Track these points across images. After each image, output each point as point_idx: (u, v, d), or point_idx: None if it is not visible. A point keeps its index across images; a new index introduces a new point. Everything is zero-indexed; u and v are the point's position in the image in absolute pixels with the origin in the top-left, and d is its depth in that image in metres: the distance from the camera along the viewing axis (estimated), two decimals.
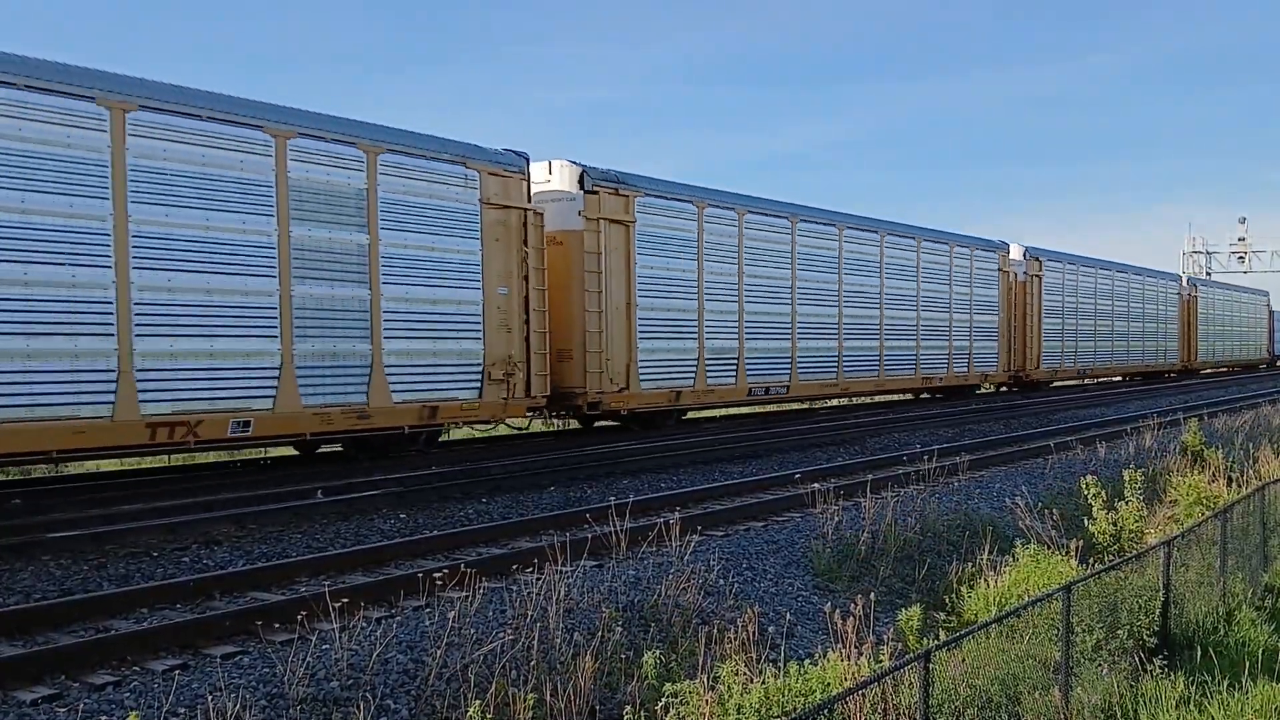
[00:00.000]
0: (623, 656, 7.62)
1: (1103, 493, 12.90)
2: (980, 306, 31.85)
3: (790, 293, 23.85)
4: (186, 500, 12.36)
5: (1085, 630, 8.09)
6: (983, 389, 34.65)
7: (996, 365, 33.01)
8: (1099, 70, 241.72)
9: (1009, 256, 33.80)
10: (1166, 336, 47.18)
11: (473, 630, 7.33)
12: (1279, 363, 65.66)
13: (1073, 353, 38.07)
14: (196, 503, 12.22)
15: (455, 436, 19.55)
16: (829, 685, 6.74)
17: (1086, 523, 12.87)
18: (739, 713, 6.47)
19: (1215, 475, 16.89)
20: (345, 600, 7.81)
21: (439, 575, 8.39)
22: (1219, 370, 56.02)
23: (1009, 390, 35.98)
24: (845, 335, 25.75)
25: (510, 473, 15.08)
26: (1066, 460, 17.65)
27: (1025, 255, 34.82)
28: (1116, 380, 43.97)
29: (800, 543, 11.21)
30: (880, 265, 27.20)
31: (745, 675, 6.91)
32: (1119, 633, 8.51)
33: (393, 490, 13.30)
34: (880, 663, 7.07)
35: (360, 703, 6.36)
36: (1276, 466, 18.37)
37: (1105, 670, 8.02)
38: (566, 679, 6.93)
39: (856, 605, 7.72)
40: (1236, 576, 11.03)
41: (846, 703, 6.04)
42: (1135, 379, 45.56)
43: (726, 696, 6.58)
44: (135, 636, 7.24)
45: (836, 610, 7.79)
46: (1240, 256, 67.82)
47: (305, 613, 7.47)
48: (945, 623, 9.22)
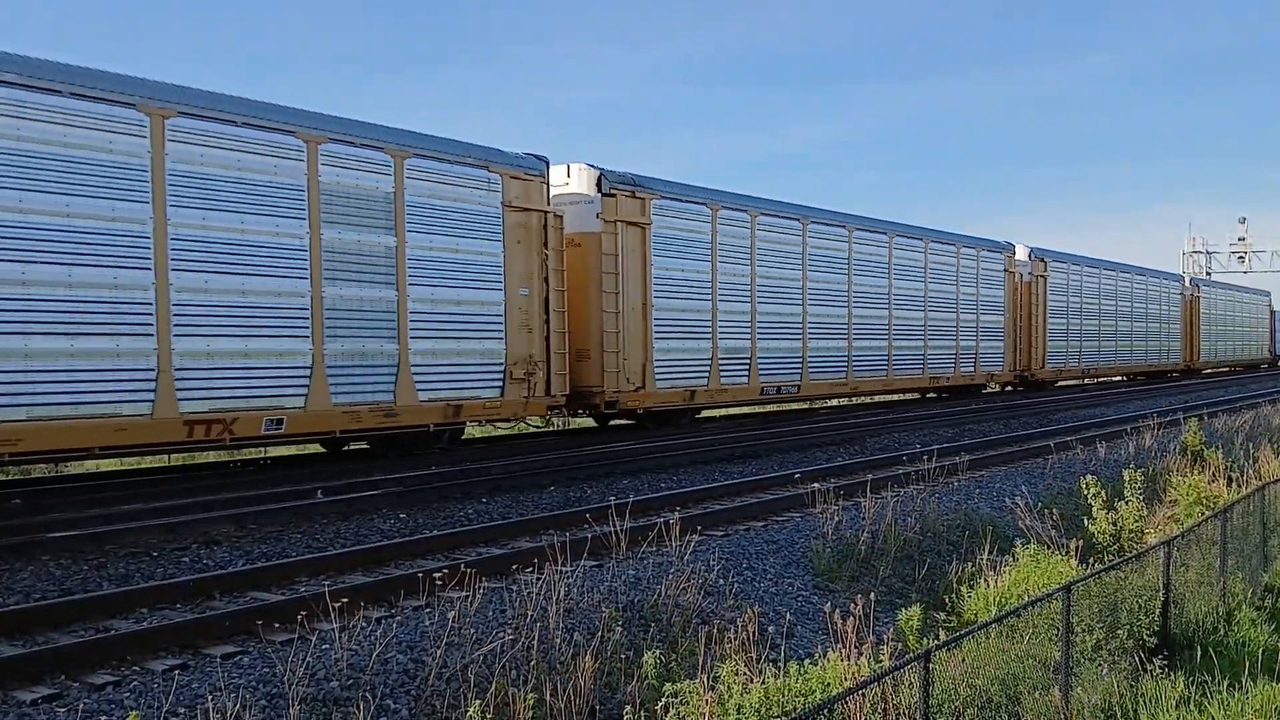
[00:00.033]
0: (623, 656, 7.62)
1: (1103, 493, 12.90)
2: (986, 307, 32.01)
3: (801, 293, 24.09)
4: (186, 500, 12.37)
5: (1085, 630, 8.09)
6: (989, 389, 34.75)
7: (1002, 365, 33.16)
8: (1099, 70, 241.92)
9: (1015, 257, 33.95)
10: (1169, 336, 47.32)
11: (473, 630, 7.33)
12: None
13: (1077, 352, 38.19)
14: (196, 503, 12.23)
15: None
16: (829, 685, 6.75)
17: (1086, 523, 12.87)
18: (739, 713, 6.47)
19: (1215, 475, 16.89)
20: (345, 600, 7.81)
21: (439, 575, 8.39)
22: (1221, 370, 56.14)
23: (1014, 390, 36.04)
24: (855, 335, 25.99)
25: (510, 473, 15.09)
26: (1066, 460, 17.65)
27: (1031, 256, 34.98)
28: (1117, 380, 44.00)
29: (800, 543, 11.21)
30: (889, 266, 27.42)
31: (745, 675, 6.91)
32: (1119, 633, 8.51)
33: (393, 490, 13.31)
34: (880, 663, 7.08)
35: (360, 703, 6.36)
36: (1276, 466, 18.37)
37: (1105, 670, 8.02)
38: (566, 679, 6.93)
39: (856, 605, 7.72)
40: (1236, 576, 11.03)
41: (846, 703, 6.04)
42: (1138, 379, 45.62)
43: (726, 696, 6.58)
44: (135, 636, 7.24)
45: (836, 610, 7.79)
46: (1240, 256, 67.84)
47: (305, 613, 7.47)
48: (945, 623, 9.23)
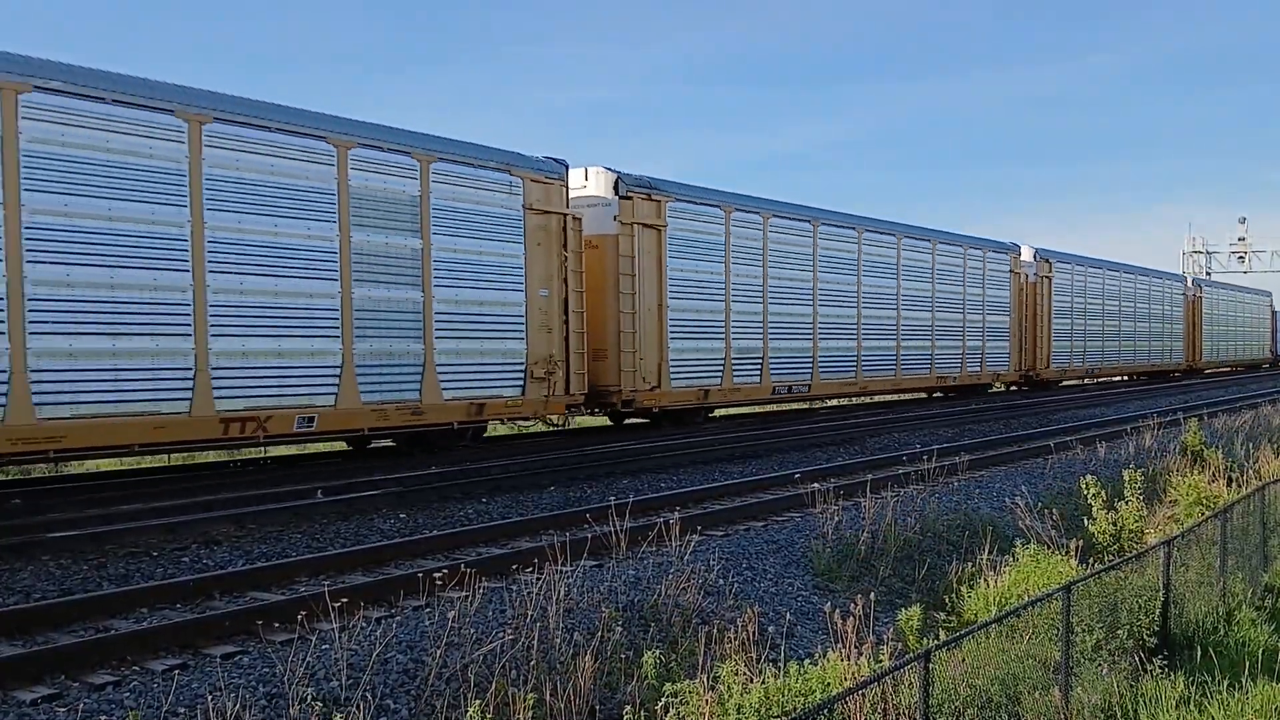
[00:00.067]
0: (623, 656, 7.62)
1: (1103, 493, 12.90)
2: (993, 307, 32.32)
3: (812, 294, 24.47)
4: (186, 500, 12.37)
5: (1085, 630, 8.09)
6: (995, 388, 35.08)
7: (1008, 365, 33.49)
8: (1099, 70, 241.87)
9: (1020, 258, 34.29)
10: (1172, 337, 47.64)
11: (473, 630, 7.33)
12: None
13: (1081, 352, 38.53)
14: (196, 503, 12.23)
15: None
16: (829, 685, 6.74)
17: (1086, 523, 12.87)
18: (739, 713, 6.47)
19: (1215, 475, 16.88)
20: (345, 600, 7.81)
21: (439, 575, 8.38)
22: (1222, 370, 56.37)
23: (1019, 390, 36.34)
24: (864, 335, 26.35)
25: (510, 473, 15.09)
26: (1066, 460, 17.65)
27: (1036, 257, 35.36)
28: (1117, 380, 44.10)
29: (800, 542, 11.21)
30: (897, 267, 27.76)
31: (745, 675, 6.91)
32: (1119, 633, 8.51)
33: (392, 490, 13.31)
34: (880, 663, 7.07)
35: (360, 703, 6.36)
36: (1276, 466, 18.37)
37: (1105, 670, 8.02)
38: (566, 679, 6.92)
39: (856, 605, 7.72)
40: (1236, 576, 11.03)
41: (846, 703, 6.04)
42: (1141, 378, 45.86)
43: (726, 696, 6.57)
44: (135, 636, 7.24)
45: (836, 610, 7.79)
46: (1240, 256, 67.82)
47: (305, 612, 7.47)
48: (945, 623, 9.22)
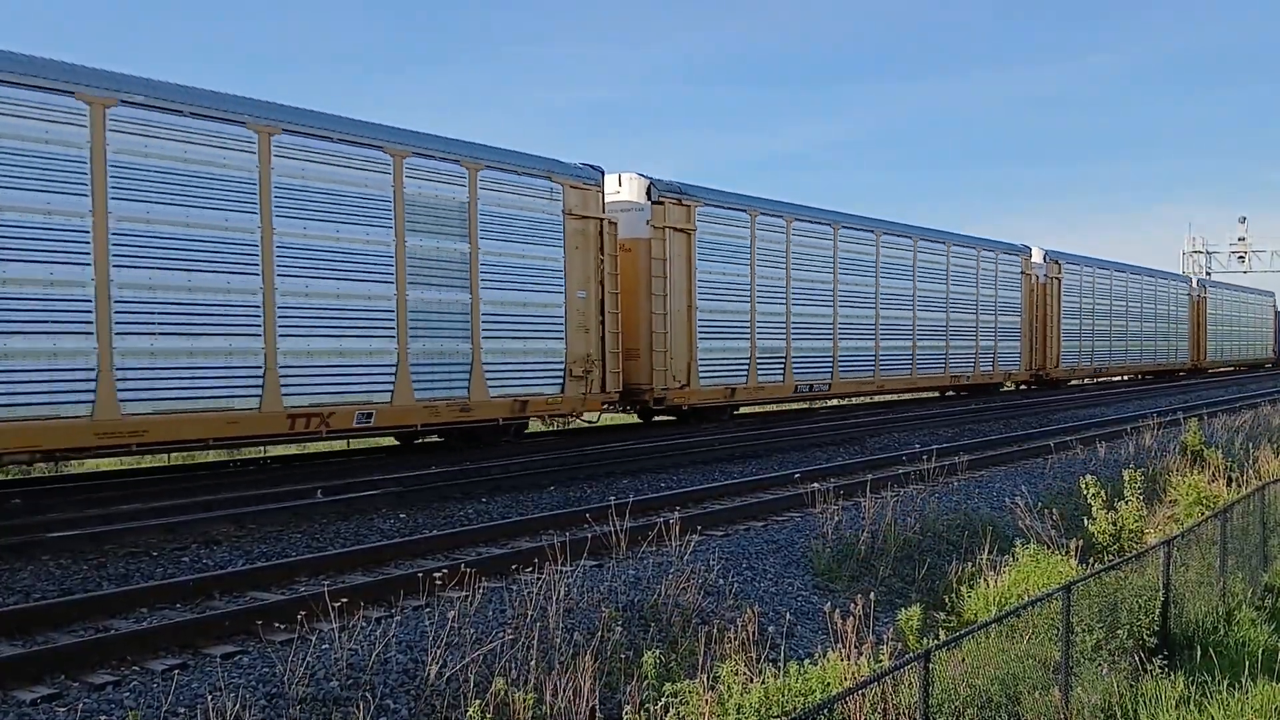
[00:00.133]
0: (623, 656, 7.62)
1: (1102, 492, 12.89)
2: (1004, 308, 32.97)
3: (832, 295, 25.16)
4: (186, 500, 12.36)
5: (1085, 630, 8.09)
6: (1006, 387, 35.70)
7: (1019, 364, 34.17)
8: (1099, 70, 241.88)
9: (1031, 259, 34.94)
10: (1177, 337, 48.23)
11: (472, 630, 7.33)
12: None
13: (1090, 352, 39.14)
14: (196, 503, 12.22)
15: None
16: (829, 685, 6.74)
17: (1086, 523, 12.87)
18: (739, 713, 6.47)
19: (1215, 475, 16.89)
20: (345, 600, 7.81)
21: (439, 575, 8.39)
22: (1226, 370, 56.79)
23: (1030, 388, 36.94)
24: (882, 336, 27.02)
25: (510, 473, 15.09)
26: (1066, 460, 17.65)
27: (1046, 258, 36.01)
28: (1117, 380, 44.28)
29: (800, 542, 11.20)
30: (913, 269, 28.43)
31: (745, 675, 6.91)
32: (1119, 633, 8.51)
33: (392, 490, 13.31)
34: (880, 663, 7.07)
35: (360, 702, 6.36)
36: (1276, 466, 18.37)
37: (1105, 670, 8.02)
38: (566, 679, 6.92)
39: (856, 605, 7.72)
40: (1236, 576, 11.03)
41: (846, 703, 6.04)
42: (1145, 378, 46.27)
43: (726, 696, 6.57)
44: (135, 636, 7.24)
45: (836, 610, 7.79)
46: (1240, 256, 67.78)
47: (305, 612, 7.47)
48: (945, 622, 9.22)
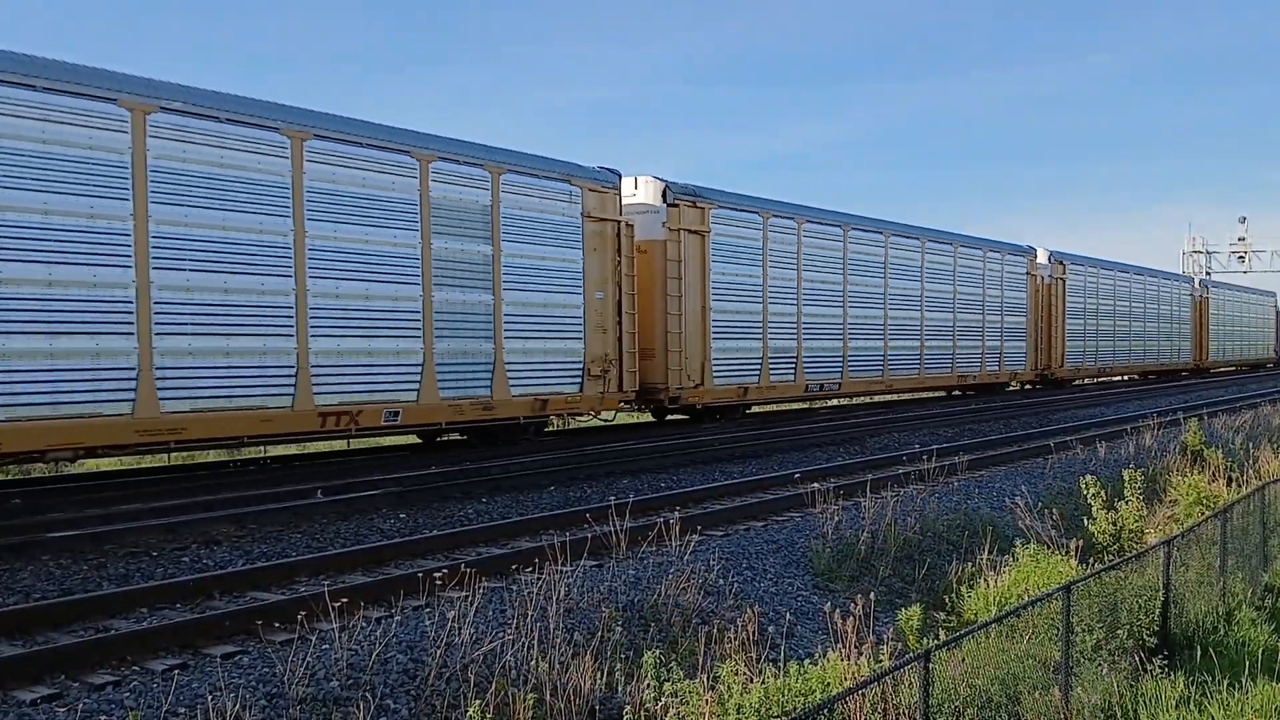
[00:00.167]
0: (623, 656, 7.61)
1: (1102, 492, 12.89)
2: (1010, 308, 33.30)
3: (842, 296, 25.54)
4: (186, 500, 12.36)
5: (1085, 630, 8.09)
6: (1012, 386, 36.05)
7: (1025, 364, 34.54)
8: (1099, 70, 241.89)
9: (1036, 260, 35.28)
10: (1180, 337, 48.57)
11: (472, 630, 7.33)
12: None
13: (1094, 352, 39.50)
14: (196, 503, 12.22)
15: (451, 437, 19.76)
16: (829, 685, 6.74)
17: (1086, 523, 12.87)
18: (739, 713, 6.46)
19: (1215, 475, 16.89)
20: (345, 600, 7.81)
21: (439, 575, 8.39)
22: (1228, 370, 57.04)
23: (1034, 388, 37.26)
24: (890, 336, 27.37)
25: (510, 473, 15.09)
26: (1066, 460, 17.65)
27: (1050, 259, 36.34)
28: (1117, 380, 44.35)
29: (800, 542, 11.20)
30: (921, 270, 28.75)
31: (745, 675, 6.91)
32: (1119, 633, 8.51)
33: (392, 490, 13.31)
34: (880, 663, 7.07)
35: (360, 702, 6.36)
36: (1276, 466, 18.37)
37: (1105, 670, 8.02)
38: (566, 679, 6.92)
39: (856, 605, 7.72)
40: (1236, 576, 11.03)
41: (846, 703, 6.04)
42: (1148, 377, 46.50)
43: (726, 696, 6.57)
44: (135, 636, 7.24)
45: (836, 610, 7.79)
46: (1240, 256, 67.79)
47: (305, 612, 7.47)
48: (945, 622, 9.22)
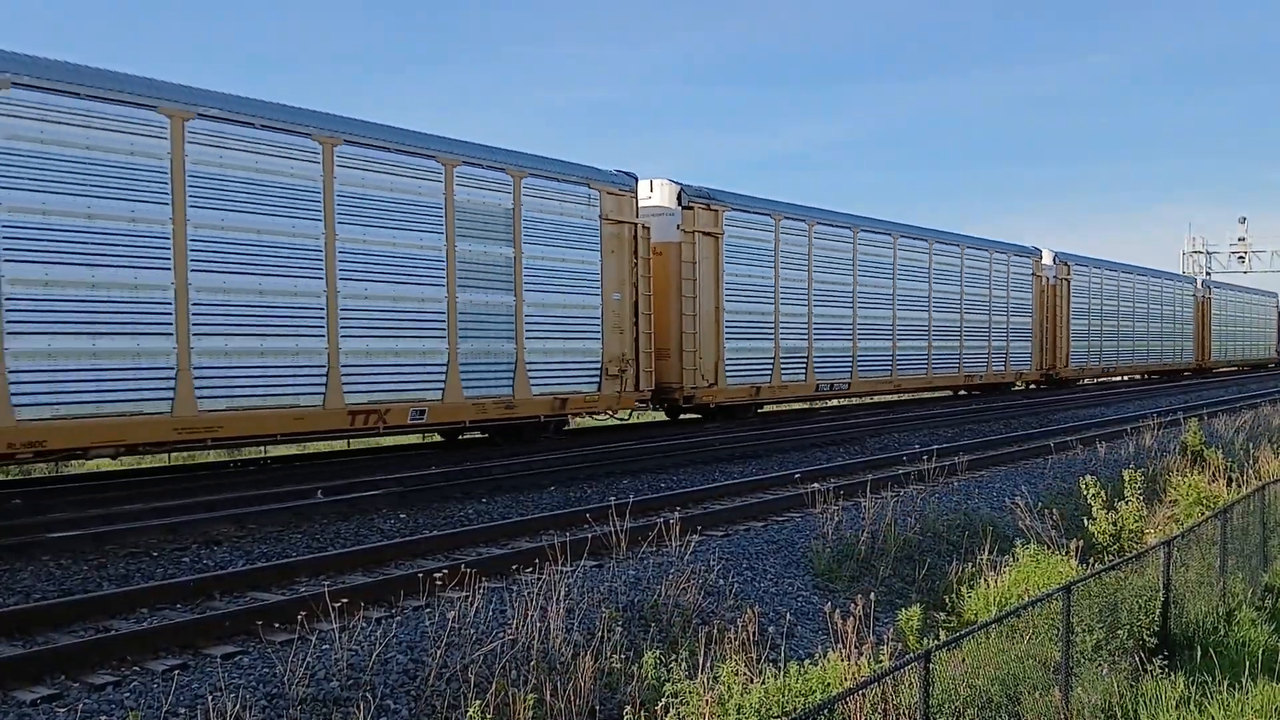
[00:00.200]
0: (623, 656, 7.62)
1: (1102, 493, 12.89)
2: (1016, 309, 33.61)
3: (851, 297, 25.85)
4: (186, 500, 12.37)
5: (1085, 630, 8.09)
6: (1017, 386, 36.32)
7: (1030, 364, 34.85)
8: (1099, 70, 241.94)
9: (1041, 261, 35.55)
10: (1183, 337, 48.82)
11: (473, 630, 7.33)
12: None
13: (1098, 352, 39.74)
14: (197, 503, 12.23)
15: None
16: (829, 685, 6.74)
17: (1086, 523, 12.87)
18: (739, 713, 6.46)
19: (1215, 475, 16.89)
20: (345, 600, 7.81)
21: (439, 575, 8.39)
22: (1229, 370, 57.25)
23: (1039, 387, 37.54)
24: (899, 336, 27.65)
25: (510, 473, 15.09)
26: (1066, 460, 17.65)
27: (1055, 260, 36.63)
28: (1117, 380, 44.42)
29: (800, 543, 11.21)
30: (929, 271, 29.02)
31: (745, 675, 6.91)
32: (1119, 633, 8.51)
33: (393, 490, 13.31)
34: (880, 663, 7.07)
35: (360, 703, 6.36)
36: (1276, 466, 18.37)
37: (1105, 670, 8.02)
38: (566, 679, 6.93)
39: (856, 605, 7.72)
40: (1236, 576, 11.03)
41: (847, 703, 6.04)
42: (1148, 377, 46.65)
43: (726, 696, 6.57)
44: (135, 636, 7.24)
45: (836, 610, 7.79)
46: (1240, 256, 67.79)
47: (305, 613, 7.47)
48: (945, 623, 9.23)
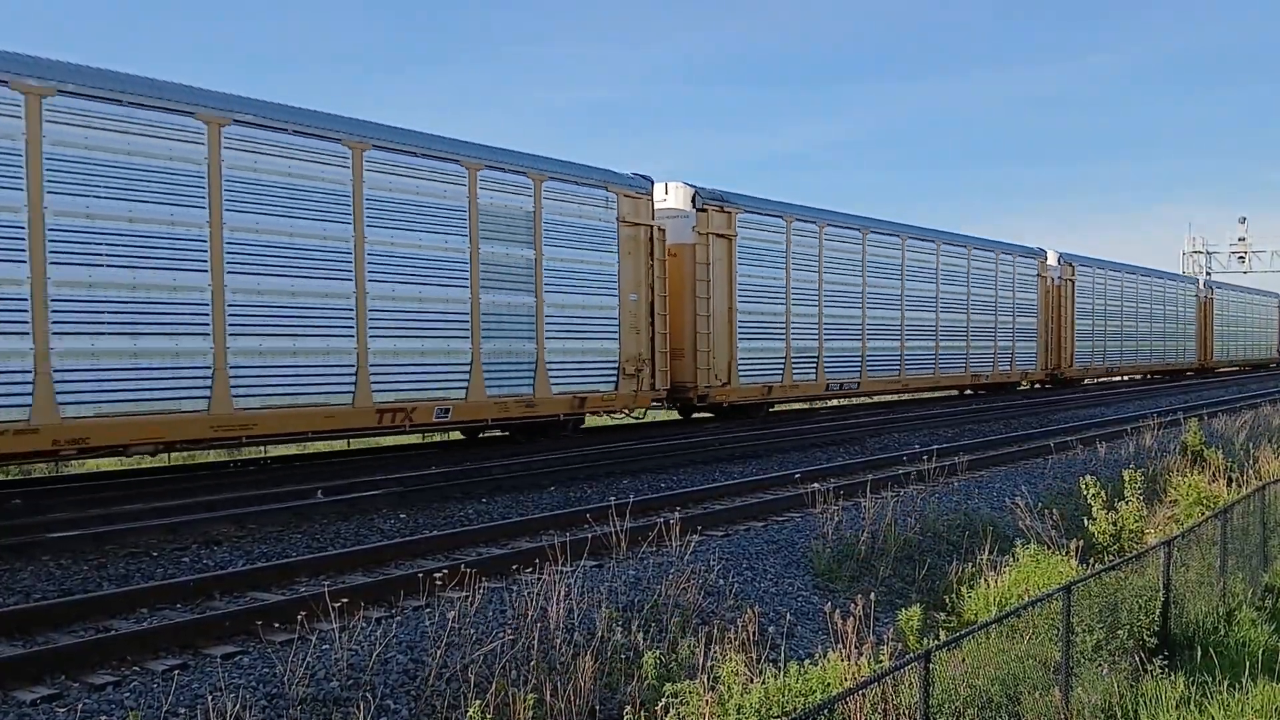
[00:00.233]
0: (623, 657, 7.61)
1: (1103, 493, 12.89)
2: (1021, 309, 33.83)
3: (861, 298, 26.10)
4: (187, 500, 12.37)
5: (1085, 630, 8.09)
6: (1021, 386, 36.55)
7: (1035, 364, 35.07)
8: (1099, 70, 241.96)
9: (1046, 262, 35.75)
10: (1185, 337, 49.03)
11: (473, 630, 7.33)
12: None
13: (1102, 352, 39.97)
14: (197, 503, 12.23)
15: (453, 437, 19.88)
16: (829, 685, 6.74)
17: (1086, 523, 12.87)
18: (739, 713, 6.46)
19: (1215, 475, 16.89)
20: (345, 600, 7.81)
21: (439, 575, 8.39)
22: (1231, 369, 57.41)
23: (1044, 387, 37.77)
24: (907, 336, 27.88)
25: (510, 473, 15.09)
26: (1066, 460, 17.65)
27: (1060, 261, 36.83)
28: (1117, 380, 44.48)
29: (800, 543, 11.20)
30: (936, 271, 29.24)
31: (745, 675, 6.90)
32: (1119, 633, 8.51)
33: (393, 490, 13.31)
34: (880, 663, 7.07)
35: (360, 703, 6.36)
36: (1276, 466, 18.37)
37: (1105, 670, 8.02)
38: (566, 679, 6.93)
39: (856, 605, 7.72)
40: (1236, 576, 11.03)
41: (847, 703, 6.03)
42: (1149, 377, 46.77)
43: (726, 696, 6.57)
44: (135, 636, 7.24)
45: (836, 610, 7.79)
46: (1240, 256, 67.80)
47: (305, 613, 7.47)
48: (945, 623, 9.23)
